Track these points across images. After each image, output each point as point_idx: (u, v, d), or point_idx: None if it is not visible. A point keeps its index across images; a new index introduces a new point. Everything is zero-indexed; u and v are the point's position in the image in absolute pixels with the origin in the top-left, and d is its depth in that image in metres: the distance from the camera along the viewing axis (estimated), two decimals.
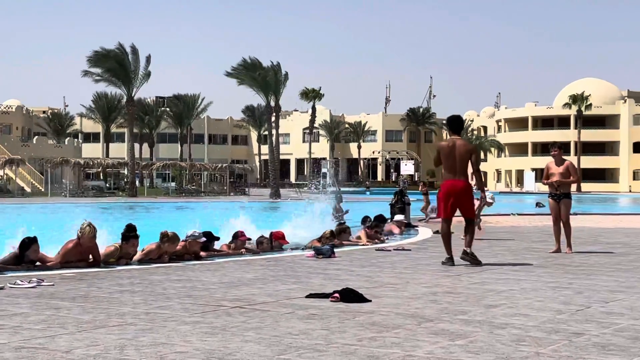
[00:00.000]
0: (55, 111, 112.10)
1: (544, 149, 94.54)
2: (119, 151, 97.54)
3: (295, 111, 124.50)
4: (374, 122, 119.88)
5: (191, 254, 12.65)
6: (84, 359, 5.38)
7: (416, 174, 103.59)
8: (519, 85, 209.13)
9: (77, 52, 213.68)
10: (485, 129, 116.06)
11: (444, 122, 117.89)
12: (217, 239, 13.76)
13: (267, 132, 72.24)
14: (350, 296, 8.05)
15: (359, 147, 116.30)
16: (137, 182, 69.47)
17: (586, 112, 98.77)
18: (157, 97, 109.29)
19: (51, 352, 5.56)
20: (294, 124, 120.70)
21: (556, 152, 14.60)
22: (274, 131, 65.18)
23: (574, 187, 15.86)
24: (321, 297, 8.19)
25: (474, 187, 13.18)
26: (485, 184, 13.52)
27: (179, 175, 76.62)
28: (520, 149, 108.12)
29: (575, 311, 7.54)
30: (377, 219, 18.54)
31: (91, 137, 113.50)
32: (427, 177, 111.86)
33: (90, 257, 11.42)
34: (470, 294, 8.72)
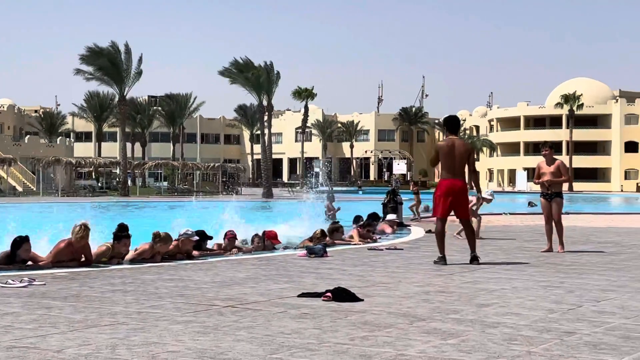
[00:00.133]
0: (47, 110, 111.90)
1: (536, 148, 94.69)
2: (111, 150, 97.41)
3: (287, 110, 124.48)
4: (367, 121, 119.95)
5: (183, 253, 12.64)
6: (76, 358, 5.37)
7: (408, 173, 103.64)
8: (511, 84, 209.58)
9: (69, 51, 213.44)
10: (477, 128, 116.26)
11: (436, 121, 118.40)
12: (210, 238, 13.76)
13: (259, 132, 72.18)
14: (342, 295, 8.05)
15: (352, 147, 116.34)
16: (129, 182, 69.35)
17: (578, 111, 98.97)
18: (150, 96, 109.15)
19: (42, 352, 5.55)
20: (286, 124, 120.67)
21: (547, 151, 14.63)
22: (266, 130, 65.13)
23: (565, 186, 15.89)
24: (313, 297, 8.20)
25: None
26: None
27: (171, 174, 76.51)
28: (512, 149, 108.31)
29: (566, 310, 7.56)
30: (371, 217, 18.57)
31: (83, 137, 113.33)
32: (420, 176, 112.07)
33: (82, 256, 11.40)
34: (462, 293, 8.73)
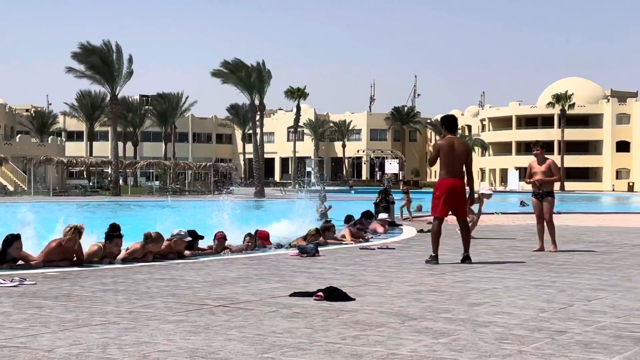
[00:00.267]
0: (38, 109, 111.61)
1: (528, 148, 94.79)
2: (103, 150, 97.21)
3: (279, 110, 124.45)
4: (359, 121, 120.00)
5: (175, 253, 12.63)
6: (67, 358, 5.35)
7: (400, 172, 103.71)
8: (503, 84, 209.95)
9: (61, 50, 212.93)
10: (469, 128, 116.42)
11: (428, 121, 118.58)
12: (202, 237, 13.75)
13: (251, 131, 72.13)
14: (334, 295, 8.05)
15: (344, 146, 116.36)
16: (121, 181, 69.20)
17: (569, 111, 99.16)
18: (141, 96, 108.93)
19: (33, 351, 5.53)
20: (278, 123, 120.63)
21: (538, 151, 14.66)
22: (258, 130, 65.07)
23: (557, 186, 15.92)
24: (305, 296, 8.20)
25: None
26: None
27: (163, 174, 76.37)
28: (504, 148, 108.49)
29: (558, 309, 7.57)
30: (365, 215, 18.59)
31: (75, 136, 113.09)
32: (412, 175, 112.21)
33: (73, 256, 11.37)
34: (453, 293, 8.74)
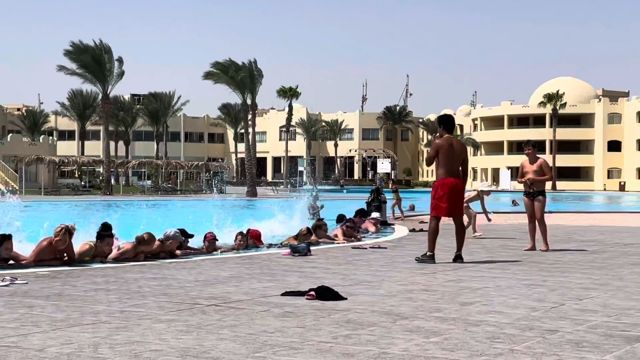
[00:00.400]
0: (30, 108, 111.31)
1: (520, 147, 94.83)
2: (95, 149, 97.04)
3: (272, 109, 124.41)
4: (351, 120, 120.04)
5: (167, 253, 12.61)
6: (58, 357, 5.34)
7: (393, 172, 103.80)
8: (495, 84, 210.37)
9: (53, 49, 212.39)
10: (461, 127, 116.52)
11: (420, 120, 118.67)
12: (191, 236, 13.72)
13: (243, 130, 72.05)
14: (325, 294, 8.05)
15: (336, 146, 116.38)
16: (113, 180, 69.05)
17: (561, 110, 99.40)
18: (133, 95, 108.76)
19: (24, 351, 5.52)
20: (270, 122, 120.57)
21: (530, 150, 14.69)
22: (250, 129, 65.03)
23: (549, 185, 15.96)
24: (297, 295, 8.19)
25: None
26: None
27: (154, 173, 76.24)
28: (496, 148, 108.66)
29: (549, 308, 7.59)
30: (359, 213, 18.62)
31: (66, 135, 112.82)
32: (404, 175, 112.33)
33: (64, 255, 11.34)
34: (445, 292, 8.75)
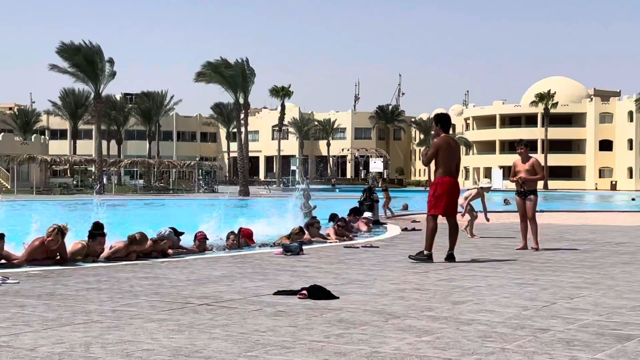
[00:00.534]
0: (21, 107, 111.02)
1: (512, 146, 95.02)
2: (87, 148, 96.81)
3: (264, 108, 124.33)
4: (343, 119, 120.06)
5: (159, 252, 12.59)
6: (49, 357, 5.33)
7: (385, 171, 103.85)
8: (487, 83, 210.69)
9: (45, 48, 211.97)
10: (453, 127, 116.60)
11: (412, 120, 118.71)
12: (182, 234, 13.69)
13: (236, 130, 71.98)
14: (318, 293, 8.05)
15: (328, 145, 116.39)
16: (105, 180, 68.94)
17: (553, 110, 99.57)
18: (125, 94, 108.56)
19: (15, 350, 5.50)
20: (263, 121, 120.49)
21: (522, 150, 14.73)
22: (242, 128, 64.97)
23: (540, 184, 15.99)
24: (289, 294, 8.20)
25: None
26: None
27: (147, 172, 76.09)
28: (488, 147, 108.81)
29: (540, 307, 7.61)
30: (353, 211, 18.62)
31: (58, 134, 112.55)
32: (396, 174, 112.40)
33: (57, 254, 11.32)
34: (437, 291, 8.77)
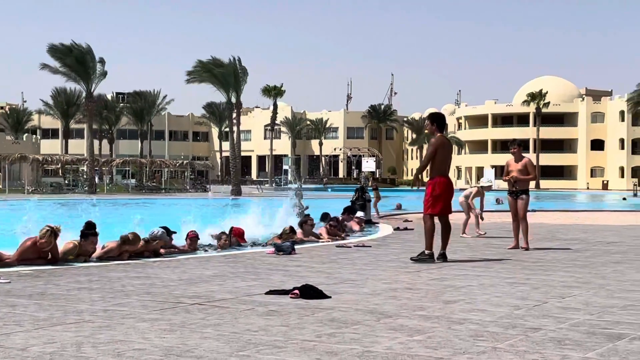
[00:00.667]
0: (13, 107, 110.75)
1: (504, 146, 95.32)
2: (78, 147, 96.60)
3: (256, 108, 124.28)
4: (336, 119, 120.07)
5: (151, 252, 12.57)
6: (40, 356, 5.32)
7: (377, 170, 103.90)
8: (479, 83, 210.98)
9: (36, 47, 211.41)
10: (445, 126, 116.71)
11: (405, 119, 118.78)
12: (174, 233, 13.68)
13: (228, 129, 71.91)
14: (309, 293, 8.06)
15: (321, 144, 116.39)
16: (97, 179, 68.80)
17: (545, 109, 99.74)
18: (117, 93, 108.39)
19: (7, 350, 5.49)
20: (255, 121, 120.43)
21: (515, 149, 14.77)
22: (235, 128, 64.91)
23: (532, 184, 16.04)
24: (281, 294, 8.20)
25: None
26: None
27: (139, 172, 75.96)
28: (480, 146, 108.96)
29: (532, 306, 7.62)
30: (347, 210, 18.61)
31: (50, 133, 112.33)
32: (389, 174, 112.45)
33: (48, 254, 11.28)
34: (429, 290, 8.78)
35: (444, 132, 12.66)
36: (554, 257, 12.99)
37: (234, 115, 65.29)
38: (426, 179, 12.85)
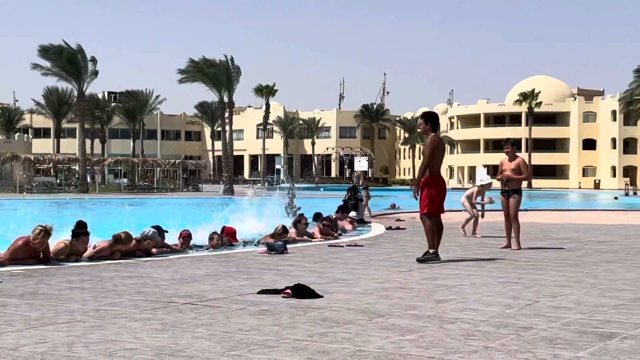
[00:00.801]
0: (4, 106, 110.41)
1: (496, 145, 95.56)
2: (70, 147, 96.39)
3: (249, 107, 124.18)
4: (328, 118, 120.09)
5: (142, 251, 12.55)
6: (31, 356, 5.31)
7: (370, 170, 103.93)
8: (471, 82, 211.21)
9: (28, 46, 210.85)
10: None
11: (397, 118, 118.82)
12: (166, 232, 13.65)
13: (220, 128, 71.87)
14: (302, 292, 8.06)
15: (313, 144, 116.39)
16: (89, 179, 68.65)
17: (537, 109, 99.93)
18: (109, 93, 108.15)
19: None
20: (247, 120, 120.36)
21: (509, 149, 14.80)
22: (227, 127, 64.87)
23: (525, 183, 16.06)
24: (273, 293, 8.19)
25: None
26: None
27: (131, 171, 75.81)
28: (472, 146, 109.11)
29: (523, 306, 7.63)
30: (341, 209, 18.60)
31: (42, 133, 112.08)
32: (381, 173, 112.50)
33: (40, 254, 11.25)
34: (421, 289, 8.78)
35: (437, 131, 12.65)
36: (546, 256, 13.01)
37: (227, 114, 65.25)
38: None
